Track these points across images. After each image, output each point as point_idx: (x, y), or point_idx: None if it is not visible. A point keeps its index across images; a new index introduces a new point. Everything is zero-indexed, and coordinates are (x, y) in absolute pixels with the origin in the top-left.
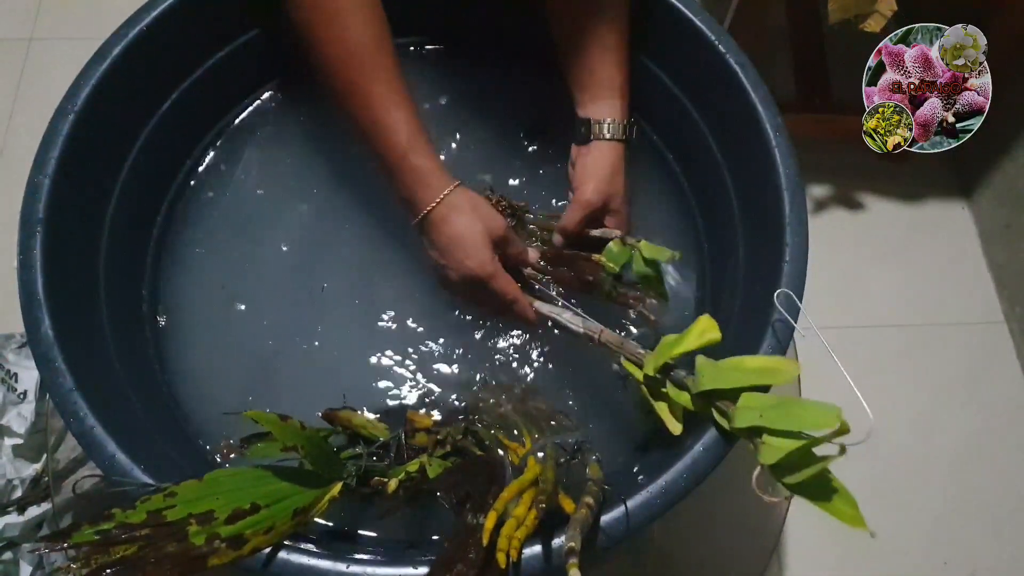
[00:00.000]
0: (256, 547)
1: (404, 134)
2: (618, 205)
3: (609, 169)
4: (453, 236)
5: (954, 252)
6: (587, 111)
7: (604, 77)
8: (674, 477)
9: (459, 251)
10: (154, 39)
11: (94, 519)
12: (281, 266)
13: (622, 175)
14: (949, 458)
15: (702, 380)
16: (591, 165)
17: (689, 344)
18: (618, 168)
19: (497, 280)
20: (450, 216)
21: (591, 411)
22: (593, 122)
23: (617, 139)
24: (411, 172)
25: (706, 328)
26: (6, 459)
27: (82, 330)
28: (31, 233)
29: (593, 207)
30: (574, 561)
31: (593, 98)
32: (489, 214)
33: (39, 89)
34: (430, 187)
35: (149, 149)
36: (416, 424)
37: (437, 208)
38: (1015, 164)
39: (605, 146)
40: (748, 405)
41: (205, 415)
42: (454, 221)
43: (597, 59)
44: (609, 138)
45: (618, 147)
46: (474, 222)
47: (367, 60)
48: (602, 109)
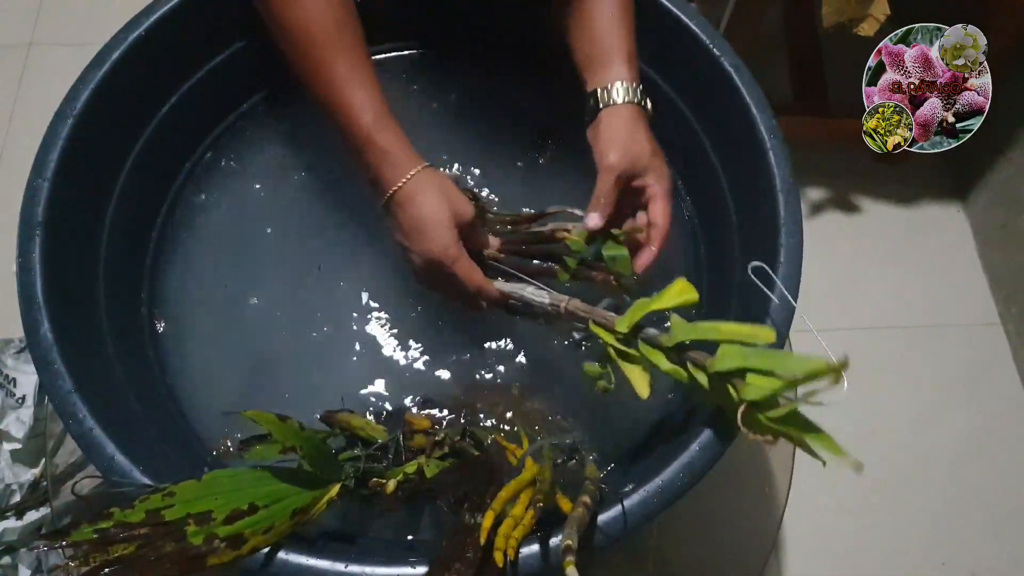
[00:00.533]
0: (254, 547)
1: (368, 113)
2: (647, 162)
3: (626, 130)
4: (418, 218)
5: (950, 254)
6: (593, 82)
7: (610, 46)
8: (671, 476)
9: (423, 234)
10: (153, 43)
11: (93, 518)
12: (280, 268)
13: (644, 132)
14: (947, 459)
15: (677, 334)
16: (605, 133)
17: (665, 302)
18: (637, 127)
19: (460, 265)
20: (416, 197)
21: (588, 411)
22: (601, 90)
23: (629, 103)
24: (376, 151)
25: (683, 289)
26: (4, 464)
27: (81, 332)
28: (30, 235)
29: (618, 171)
30: (571, 559)
31: (599, 68)
32: (457, 198)
33: (38, 93)
34: (396, 167)
35: (148, 151)
36: (414, 426)
37: (403, 188)
38: (1010, 166)
39: (618, 110)
40: (729, 352)
41: (204, 416)
42: (420, 202)
43: (601, 30)
44: (621, 102)
45: (632, 109)
46: (440, 204)
47: (329, 41)
48: (610, 74)
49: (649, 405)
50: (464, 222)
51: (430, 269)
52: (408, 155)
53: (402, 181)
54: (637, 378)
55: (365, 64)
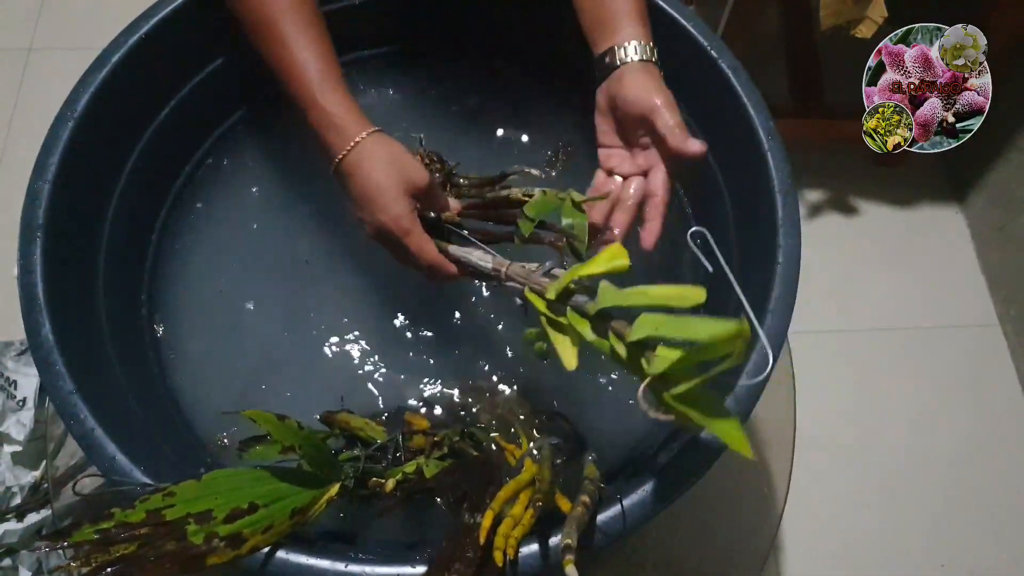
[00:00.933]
0: (254, 546)
1: (313, 75)
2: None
3: (645, 81)
4: (366, 187)
5: (948, 255)
6: (607, 42)
7: (621, 6)
8: (670, 476)
9: (372, 203)
10: (153, 46)
11: (94, 519)
12: (279, 270)
13: (662, 85)
14: (946, 459)
15: (602, 299)
16: (635, 82)
17: (595, 268)
18: (656, 80)
19: (412, 239)
20: (363, 164)
21: (587, 411)
22: (617, 47)
23: (647, 60)
24: (321, 115)
25: (615, 254)
26: (5, 466)
27: (82, 333)
28: (31, 238)
29: (672, 103)
30: (570, 558)
31: (613, 28)
32: (408, 164)
33: (38, 97)
34: (341, 132)
35: (148, 154)
36: (414, 426)
37: (349, 155)
38: (1007, 166)
39: (638, 66)
40: (645, 321)
41: (204, 416)
42: (367, 170)
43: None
44: (638, 60)
45: (650, 66)
46: (389, 173)
47: (280, 4)
48: (623, 34)
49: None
50: (418, 189)
51: (381, 239)
52: (354, 120)
53: (348, 147)
54: (564, 348)
55: (314, 24)
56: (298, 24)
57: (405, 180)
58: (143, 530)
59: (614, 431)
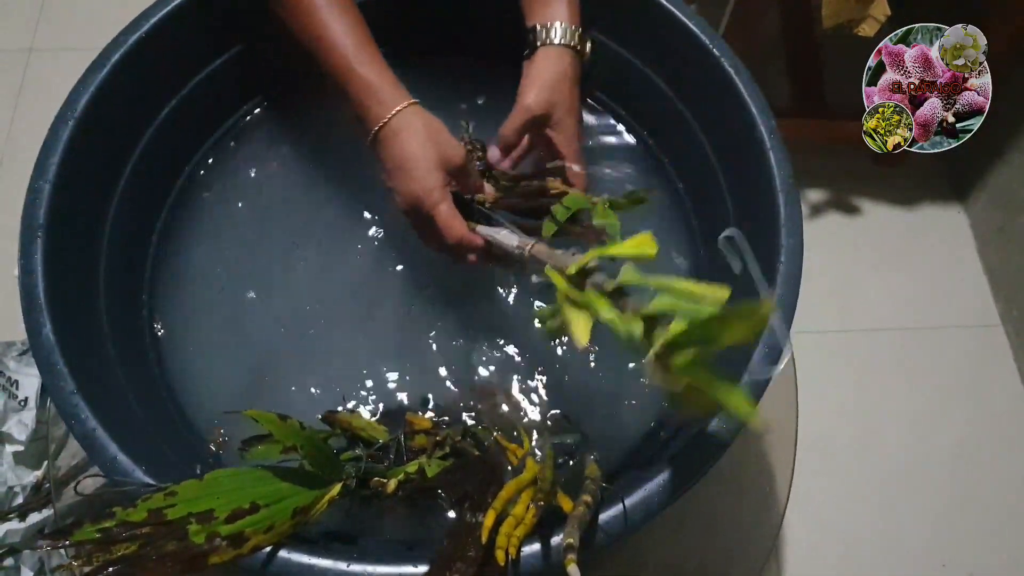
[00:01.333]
0: (256, 546)
1: (350, 46)
2: (562, 115)
3: (554, 75)
4: (402, 156)
5: (949, 255)
6: (533, 18)
7: None
8: (672, 475)
9: (406, 173)
10: (153, 46)
11: (96, 518)
12: (280, 268)
13: (569, 84)
14: (947, 460)
15: (623, 277)
16: (534, 71)
17: (621, 250)
18: (565, 75)
19: (440, 210)
20: (401, 134)
21: (589, 411)
22: (539, 27)
23: (566, 45)
24: (360, 85)
25: (643, 241)
26: (7, 466)
27: (83, 334)
28: (32, 238)
29: (533, 113)
30: (572, 556)
31: (541, 5)
32: (446, 140)
33: (39, 98)
34: (381, 102)
35: (149, 154)
36: (415, 426)
37: (388, 124)
38: (1009, 167)
39: (552, 51)
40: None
41: (206, 417)
42: (405, 140)
43: None
44: (558, 44)
45: (567, 53)
46: (425, 145)
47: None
48: (550, 13)
49: (651, 405)
50: (453, 166)
51: (411, 211)
52: (394, 89)
53: (388, 116)
54: (578, 325)
55: (351, 11)
56: (335, 8)
57: (440, 154)
58: (145, 529)
59: (616, 430)
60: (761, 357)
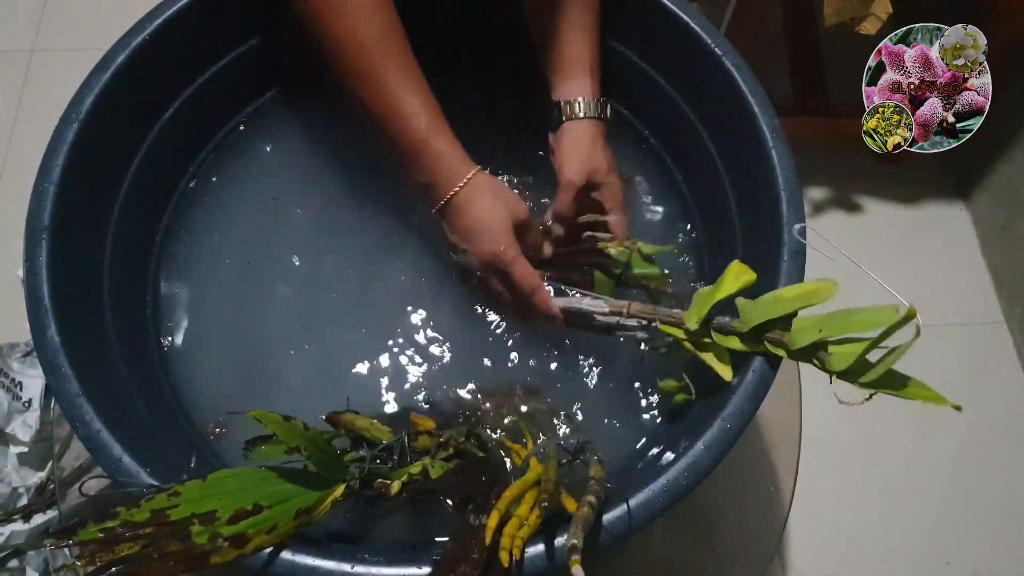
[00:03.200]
0: (258, 546)
1: (423, 119)
2: (603, 177)
3: (586, 145)
4: (476, 220)
5: (952, 253)
6: (558, 93)
7: (574, 56)
8: (676, 475)
9: (481, 235)
10: (158, 47)
11: (99, 518)
12: (285, 270)
13: (601, 149)
14: (950, 458)
15: (749, 317)
16: (568, 145)
17: (727, 289)
18: (596, 143)
19: (517, 266)
20: (474, 200)
21: (593, 411)
22: (564, 103)
23: (591, 117)
24: (432, 157)
25: (740, 272)
26: (11, 467)
27: (87, 335)
28: (37, 240)
29: (577, 186)
30: (576, 557)
31: (564, 79)
32: (511, 198)
33: (42, 99)
34: (452, 172)
35: (153, 155)
36: (419, 427)
37: (461, 192)
38: (1012, 165)
39: (579, 124)
40: (804, 326)
41: (210, 417)
42: (477, 204)
43: (566, 38)
44: (583, 117)
45: (593, 124)
46: (497, 206)
47: (378, 48)
48: (573, 89)
49: (653, 405)
50: (520, 221)
51: (487, 271)
52: (463, 159)
53: (459, 186)
54: (718, 366)
55: (414, 69)
56: (403, 70)
57: (510, 213)
58: (148, 529)
59: (620, 430)
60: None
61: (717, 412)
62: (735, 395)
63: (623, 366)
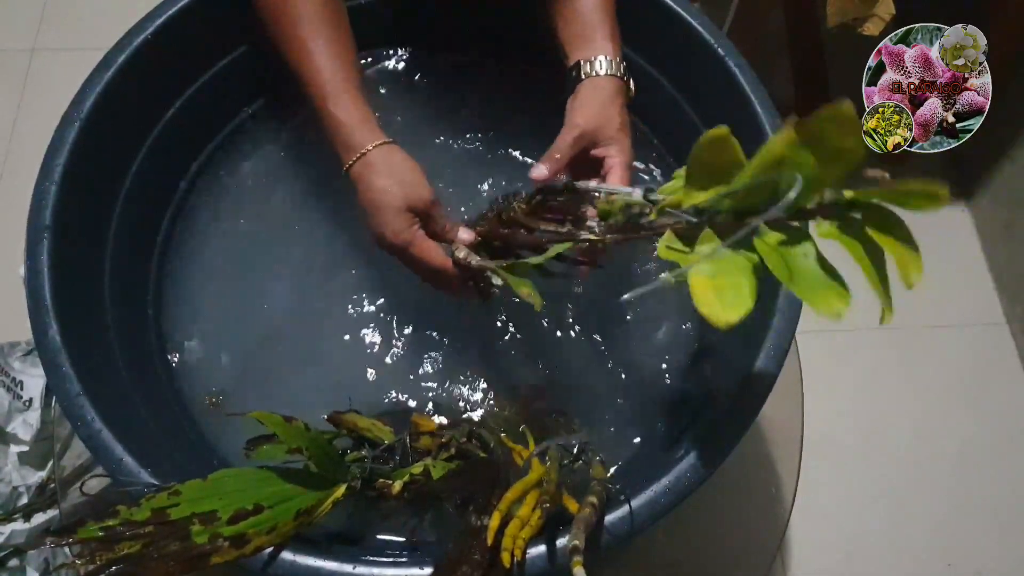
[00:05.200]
0: (258, 547)
1: (327, 83)
2: (614, 132)
3: (603, 98)
4: (368, 200)
5: (954, 253)
6: (577, 55)
7: (594, 24)
8: (678, 476)
9: (374, 216)
10: (159, 46)
11: (99, 516)
12: (285, 270)
13: (620, 104)
14: (952, 459)
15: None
16: (582, 97)
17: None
18: (614, 98)
19: (415, 247)
20: (364, 177)
21: (595, 412)
22: (584, 61)
23: (612, 75)
24: (331, 123)
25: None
26: (12, 466)
27: (88, 335)
28: (38, 239)
29: (581, 129)
30: (578, 559)
31: (584, 42)
32: (411, 180)
33: (43, 99)
34: (350, 143)
35: (154, 155)
36: (421, 427)
37: (354, 166)
38: (1014, 165)
39: (599, 80)
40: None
41: (211, 417)
42: (369, 183)
43: (586, 11)
44: (603, 74)
45: (613, 81)
46: (389, 187)
47: (299, 9)
48: (593, 48)
49: (655, 403)
50: (417, 207)
51: (386, 250)
52: (362, 130)
53: (353, 158)
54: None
55: (333, 32)
56: (318, 32)
57: (405, 196)
58: (148, 529)
59: (622, 431)
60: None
61: (719, 413)
62: (736, 396)
63: (624, 367)
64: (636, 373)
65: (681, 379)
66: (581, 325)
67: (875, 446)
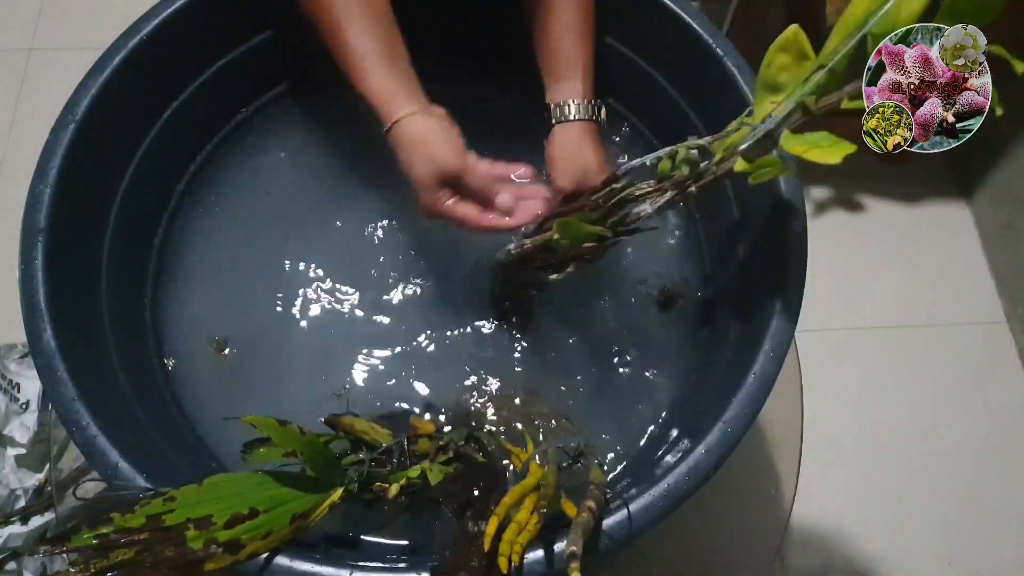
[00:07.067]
0: (253, 552)
1: (366, 57)
2: (595, 177)
3: (574, 146)
4: (404, 170)
5: (955, 252)
6: (550, 96)
7: (567, 57)
8: (677, 479)
9: (412, 187)
10: (155, 47)
11: (94, 524)
12: (285, 270)
13: (591, 149)
14: (952, 458)
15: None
16: (556, 150)
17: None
18: (584, 144)
19: (446, 217)
20: (394, 149)
21: (594, 414)
22: (554, 106)
23: (581, 119)
24: (366, 93)
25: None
26: (9, 469)
27: (84, 339)
28: (33, 242)
29: (565, 191)
30: (576, 565)
31: (556, 81)
32: (437, 151)
33: (39, 99)
34: (380, 114)
35: (151, 156)
36: (419, 430)
37: (389, 134)
38: (1015, 164)
39: (569, 128)
40: None
41: (208, 422)
42: (398, 156)
43: (560, 39)
44: (573, 119)
45: (583, 126)
46: (413, 161)
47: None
48: (564, 91)
49: (654, 406)
50: (447, 176)
51: (428, 215)
52: (396, 100)
53: (384, 130)
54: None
55: (371, 9)
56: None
57: (430, 168)
58: (142, 535)
59: (620, 434)
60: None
61: (718, 415)
62: (736, 397)
63: (624, 368)
64: (635, 375)
65: (680, 381)
66: (581, 327)
67: (875, 445)
